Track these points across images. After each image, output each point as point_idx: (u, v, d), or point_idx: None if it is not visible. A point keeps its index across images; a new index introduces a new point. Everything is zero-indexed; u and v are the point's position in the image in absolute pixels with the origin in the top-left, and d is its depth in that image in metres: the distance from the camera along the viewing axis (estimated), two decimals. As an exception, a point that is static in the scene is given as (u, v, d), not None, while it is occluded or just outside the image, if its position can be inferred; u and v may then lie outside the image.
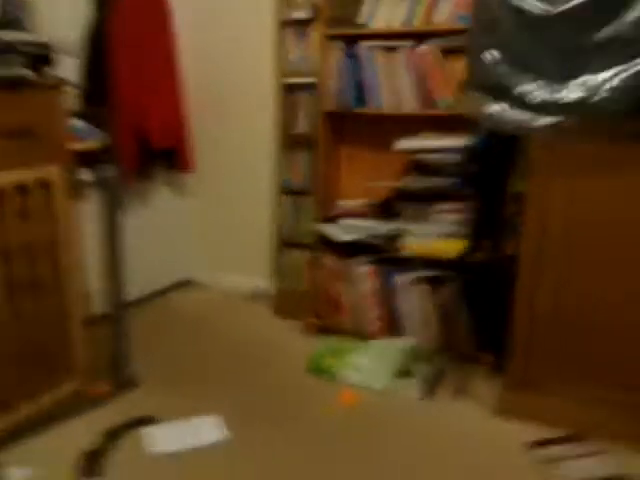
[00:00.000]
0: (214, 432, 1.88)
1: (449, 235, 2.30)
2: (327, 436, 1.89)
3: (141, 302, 2.89)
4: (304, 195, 2.74)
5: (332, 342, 2.48)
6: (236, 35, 2.93)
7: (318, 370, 2.30)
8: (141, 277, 2.67)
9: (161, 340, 2.59)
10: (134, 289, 2.43)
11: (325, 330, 2.62)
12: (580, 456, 1.75)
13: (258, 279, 3.11)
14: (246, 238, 3.14)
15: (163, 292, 3.14)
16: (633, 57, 1.50)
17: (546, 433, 1.85)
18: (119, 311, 2.13)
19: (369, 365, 2.28)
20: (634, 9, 1.49)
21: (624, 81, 1.51)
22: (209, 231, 3.27)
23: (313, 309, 2.65)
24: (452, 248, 2.26)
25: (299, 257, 2.80)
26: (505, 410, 1.97)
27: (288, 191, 2.78)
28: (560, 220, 1.77)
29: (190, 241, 3.28)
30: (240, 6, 2.89)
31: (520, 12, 1.62)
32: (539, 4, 1.59)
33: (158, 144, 2.79)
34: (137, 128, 2.68)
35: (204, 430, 1.89)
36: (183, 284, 3.27)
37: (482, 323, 2.27)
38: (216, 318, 2.86)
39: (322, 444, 1.84)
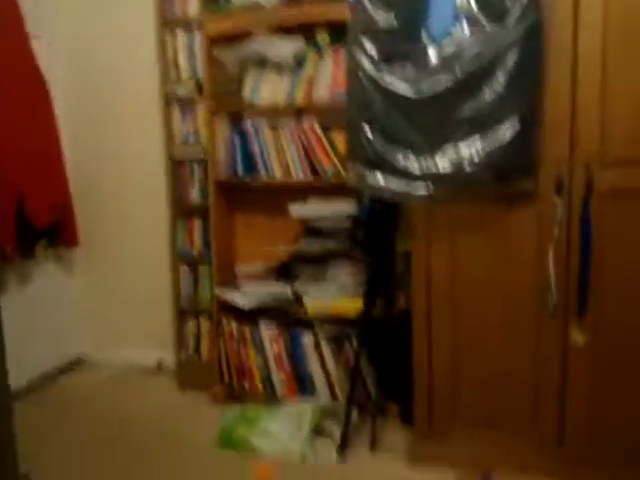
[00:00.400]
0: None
1: (347, 295, 2.40)
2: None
3: (30, 390, 2.68)
4: (201, 263, 2.73)
5: (242, 410, 2.45)
6: (122, 111, 2.93)
7: (230, 442, 2.26)
8: (28, 363, 2.52)
9: (53, 431, 2.40)
10: (20, 377, 2.25)
11: (234, 398, 2.59)
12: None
13: (158, 352, 3.00)
14: (143, 310, 3.04)
15: (54, 376, 2.93)
16: (489, 132, 1.72)
17: (459, 477, 1.96)
18: (3, 409, 1.95)
19: (282, 431, 2.28)
20: (488, 91, 1.71)
21: (484, 155, 1.72)
22: (102, 306, 3.12)
23: (219, 377, 2.62)
24: (351, 307, 2.36)
25: (200, 325, 2.77)
26: (418, 459, 2.05)
27: (185, 260, 2.76)
28: (443, 276, 1.94)
29: (81, 318, 3.11)
30: (124, 82, 2.90)
31: (388, 95, 1.79)
32: (407, 91, 1.77)
33: (39, 220, 2.66)
34: (15, 205, 2.54)
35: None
36: (75, 364, 3.08)
37: (386, 376, 2.38)
38: (115, 398, 2.72)
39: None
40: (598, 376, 1.83)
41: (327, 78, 2.38)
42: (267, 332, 2.53)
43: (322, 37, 2.38)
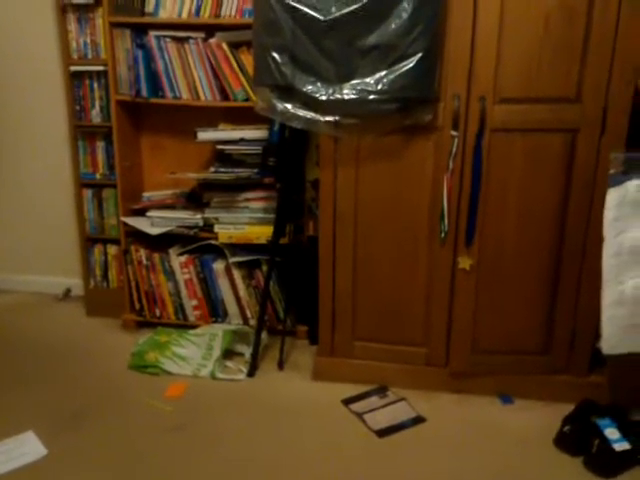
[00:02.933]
0: (29, 451, 1.79)
1: (258, 221, 2.43)
2: (157, 431, 1.92)
3: None
4: (107, 187, 2.63)
5: (153, 335, 2.48)
6: (13, 19, 2.65)
7: (142, 366, 2.30)
8: None
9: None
10: None
11: (145, 324, 2.60)
12: (384, 406, 2.06)
13: (66, 279, 2.94)
14: (48, 236, 2.93)
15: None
16: (394, 62, 1.74)
17: (356, 390, 2.13)
18: None
19: (193, 354, 2.35)
20: (394, 20, 1.71)
21: (388, 84, 1.74)
22: (4, 233, 2.97)
23: (129, 305, 2.62)
24: (261, 233, 2.40)
25: (108, 253, 2.72)
26: (321, 375, 2.20)
27: (88, 184, 2.65)
28: (348, 202, 2.00)
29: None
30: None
31: (296, 16, 1.74)
32: (314, 10, 1.73)
33: None
34: None
35: (17, 451, 1.79)
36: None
37: (295, 299, 2.47)
38: (21, 324, 2.66)
39: (152, 440, 1.88)
40: (480, 296, 2.01)
41: (235, -7, 2.26)
42: (177, 259, 2.52)
43: (230, -52, 2.23)
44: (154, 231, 2.48)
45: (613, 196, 1.58)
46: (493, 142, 1.85)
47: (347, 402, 2.09)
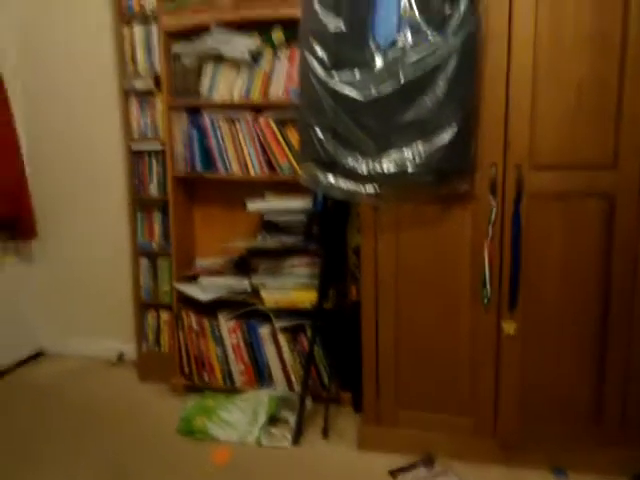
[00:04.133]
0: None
1: (302, 287, 2.49)
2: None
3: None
4: (161, 256, 2.78)
5: (201, 400, 2.53)
6: (80, 104, 2.93)
7: (189, 431, 2.34)
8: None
9: (12, 421, 2.44)
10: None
11: (193, 389, 2.66)
12: (432, 477, 2.01)
13: (119, 344, 3.05)
14: (103, 303, 3.07)
15: (13, 369, 2.95)
16: (430, 136, 1.82)
17: (402, 460, 2.09)
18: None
19: (239, 419, 2.37)
20: (429, 97, 1.81)
21: (425, 157, 1.82)
22: (62, 299, 3.14)
23: (179, 369, 2.69)
24: (306, 298, 2.45)
25: (160, 318, 2.83)
26: (366, 444, 2.17)
27: (145, 252, 2.80)
28: (389, 269, 2.04)
29: (40, 311, 3.13)
30: (82, 75, 2.90)
31: (337, 97, 1.87)
32: (354, 92, 1.85)
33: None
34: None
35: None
36: (35, 357, 3.10)
37: (339, 365, 2.48)
38: (76, 389, 2.76)
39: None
40: (526, 362, 1.97)
41: (282, 75, 2.44)
42: (226, 324, 2.60)
43: (277, 35, 2.43)
44: (205, 297, 2.57)
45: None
46: (531, 208, 1.87)
47: (394, 473, 2.04)
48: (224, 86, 2.53)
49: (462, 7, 1.74)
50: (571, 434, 1.99)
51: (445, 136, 1.80)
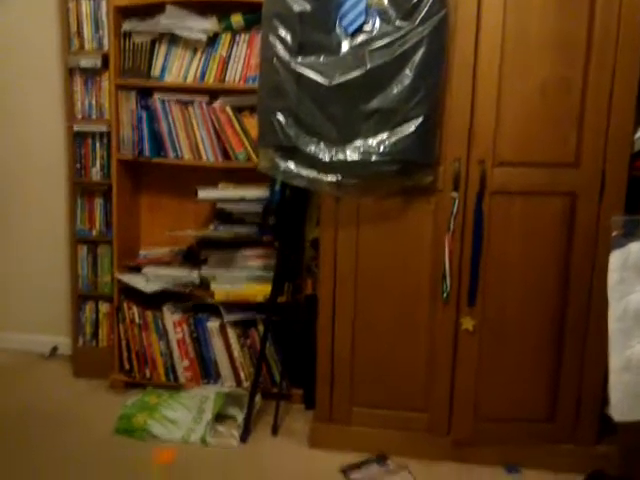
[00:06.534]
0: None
1: (255, 279, 2.40)
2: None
3: None
4: (102, 244, 2.61)
5: (142, 397, 2.38)
6: (19, 79, 2.71)
7: (128, 429, 2.20)
8: None
9: None
10: None
11: (134, 386, 2.51)
12: (385, 474, 1.97)
13: (53, 338, 2.85)
14: (37, 293, 2.86)
15: None
16: (396, 125, 1.78)
17: (355, 458, 2.04)
18: None
19: (183, 417, 2.25)
20: (396, 85, 1.77)
21: (390, 147, 1.78)
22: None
23: (119, 364, 2.53)
24: (259, 292, 2.36)
25: (99, 310, 2.65)
26: (318, 442, 2.11)
27: (84, 240, 2.62)
28: (348, 262, 1.99)
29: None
30: (21, 50, 2.68)
31: (301, 81, 1.80)
32: (318, 76, 1.79)
33: None
34: None
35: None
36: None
37: (291, 361, 2.41)
38: (5, 384, 2.55)
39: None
40: (483, 359, 1.97)
41: (240, 61, 2.34)
42: (171, 317, 2.47)
43: (235, 20, 2.33)
44: (149, 288, 2.43)
45: (617, 258, 1.58)
46: (493, 204, 1.87)
47: (346, 471, 1.99)
48: (177, 68, 2.40)
49: (431, -5, 1.71)
50: (525, 432, 2.00)
51: (410, 126, 1.77)
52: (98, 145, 2.55)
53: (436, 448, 2.03)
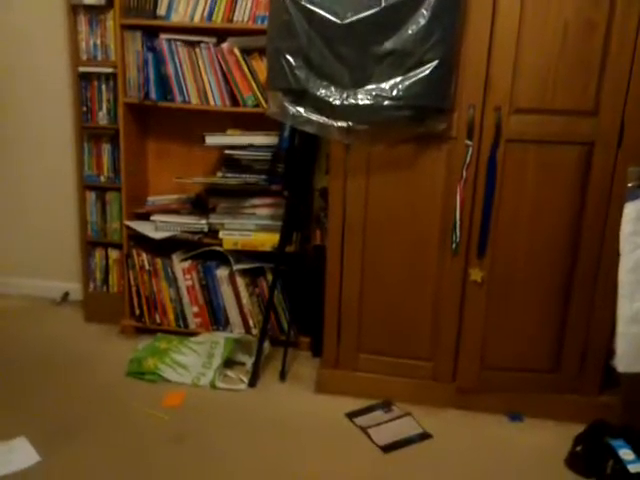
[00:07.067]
0: (21, 457, 1.73)
1: (264, 228, 2.39)
2: (154, 442, 1.86)
3: None
4: (110, 190, 2.60)
5: (153, 342, 2.43)
6: (22, 19, 2.63)
7: (139, 372, 2.24)
8: None
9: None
10: None
11: (144, 331, 2.55)
12: (389, 420, 2.00)
13: (65, 283, 2.88)
14: (47, 239, 2.88)
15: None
16: (410, 69, 1.72)
17: (360, 404, 2.07)
18: None
19: (193, 362, 2.30)
20: (411, 26, 1.69)
21: (403, 91, 1.71)
22: (1, 234, 2.92)
23: (129, 310, 2.56)
24: (267, 241, 2.36)
25: (109, 257, 2.67)
26: (324, 387, 2.15)
27: (92, 187, 2.61)
28: (357, 211, 1.96)
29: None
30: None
31: (312, 19, 1.72)
32: (330, 14, 1.71)
33: None
34: None
35: (8, 457, 1.72)
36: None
37: (299, 309, 2.43)
38: (18, 329, 2.59)
39: (149, 451, 1.82)
40: (490, 310, 1.96)
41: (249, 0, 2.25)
42: (180, 264, 2.48)
43: (245, -45, 2.22)
44: (157, 235, 2.44)
45: (631, 209, 1.55)
46: (508, 153, 1.82)
47: (351, 416, 2.03)
48: (184, 7, 2.31)
49: None
50: (529, 382, 2.01)
51: (425, 70, 1.70)
52: (104, 87, 2.49)
53: (440, 395, 2.07)
